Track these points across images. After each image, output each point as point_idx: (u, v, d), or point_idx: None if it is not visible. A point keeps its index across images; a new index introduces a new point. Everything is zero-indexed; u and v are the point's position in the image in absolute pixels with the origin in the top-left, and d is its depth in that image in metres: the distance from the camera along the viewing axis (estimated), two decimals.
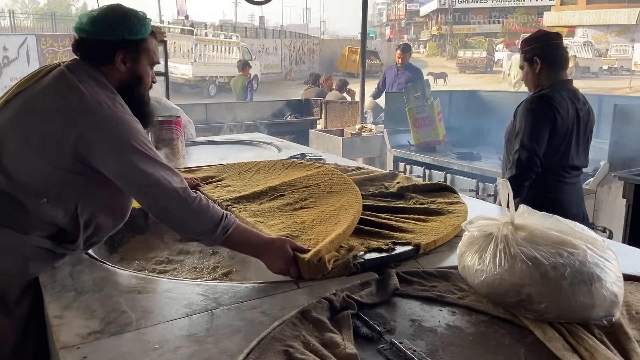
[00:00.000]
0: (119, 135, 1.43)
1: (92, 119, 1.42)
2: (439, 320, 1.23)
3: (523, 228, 1.27)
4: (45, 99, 1.48)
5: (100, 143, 1.42)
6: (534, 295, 1.20)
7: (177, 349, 1.09)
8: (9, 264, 1.43)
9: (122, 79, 1.59)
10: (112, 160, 1.43)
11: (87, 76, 1.51)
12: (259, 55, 24.10)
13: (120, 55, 1.56)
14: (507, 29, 40.75)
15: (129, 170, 1.43)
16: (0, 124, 1.49)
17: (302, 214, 1.85)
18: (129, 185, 1.46)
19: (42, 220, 1.46)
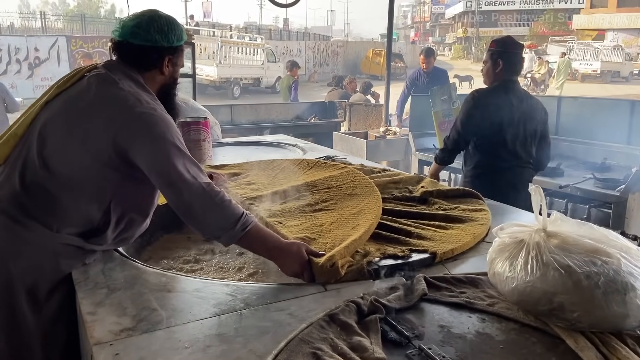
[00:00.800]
0: (157, 129, 1.49)
1: (132, 113, 1.48)
2: (469, 327, 1.21)
3: (555, 235, 1.25)
4: (87, 95, 1.54)
5: (139, 136, 1.48)
6: (567, 304, 1.18)
7: (207, 348, 1.10)
8: (40, 261, 1.47)
9: (163, 82, 1.68)
10: (149, 152, 1.48)
11: (124, 76, 1.58)
12: (283, 58, 24.20)
13: (167, 60, 1.65)
14: (535, 31, 40.12)
15: (163, 163, 1.47)
16: (44, 121, 1.55)
17: (321, 216, 1.85)
18: (160, 177, 1.49)
19: (74, 217, 1.50)
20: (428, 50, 6.65)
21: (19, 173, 1.50)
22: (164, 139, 1.48)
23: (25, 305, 1.45)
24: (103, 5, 50.26)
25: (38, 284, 1.47)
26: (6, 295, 1.44)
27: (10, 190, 1.49)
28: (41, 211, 1.48)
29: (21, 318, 1.46)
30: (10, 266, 1.44)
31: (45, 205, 1.48)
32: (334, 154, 3.27)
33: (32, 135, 1.55)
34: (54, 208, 1.49)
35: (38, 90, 14.81)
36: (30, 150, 1.52)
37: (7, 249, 1.45)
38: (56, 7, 50.62)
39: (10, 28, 20.85)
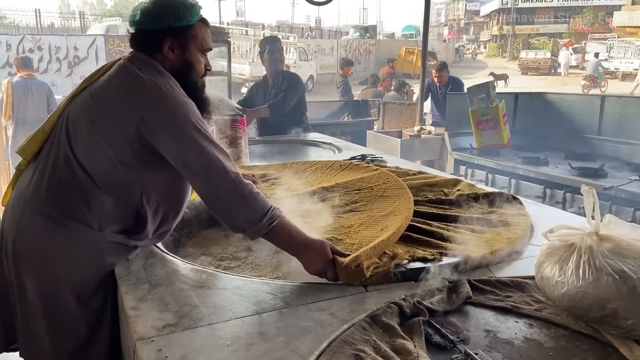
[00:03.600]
0: (179, 115, 1.46)
1: (152, 101, 1.46)
2: (516, 332, 1.18)
3: (608, 239, 1.20)
4: (108, 88, 1.54)
5: (161, 124, 1.45)
6: (620, 311, 1.13)
7: (249, 347, 1.10)
8: (85, 260, 1.49)
9: (173, 66, 1.60)
10: (173, 139, 1.46)
11: (144, 64, 1.55)
12: (315, 56, 24.23)
13: (168, 42, 1.58)
14: (574, 29, 39.04)
15: (188, 149, 1.44)
16: (70, 117, 1.55)
17: (350, 217, 1.83)
18: (186, 165, 1.46)
19: (112, 214, 1.51)
20: (441, 65, 6.59)
21: (53, 172, 1.50)
22: (186, 124, 1.45)
23: (72, 305, 1.47)
24: None
25: (83, 283, 1.49)
26: (53, 297, 1.46)
27: (47, 190, 1.49)
28: (81, 210, 1.48)
29: (68, 318, 1.48)
30: (55, 268, 1.46)
31: (84, 204, 1.48)
32: (370, 152, 3.24)
33: (61, 132, 1.54)
34: (93, 206, 1.49)
35: None
36: (60, 148, 1.52)
37: (51, 251, 1.46)
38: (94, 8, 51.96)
39: (51, 28, 21.50)
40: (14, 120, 5.64)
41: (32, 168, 1.56)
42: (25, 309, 1.49)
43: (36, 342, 1.49)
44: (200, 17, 1.64)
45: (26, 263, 1.47)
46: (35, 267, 1.47)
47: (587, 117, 4.70)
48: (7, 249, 1.51)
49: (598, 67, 19.34)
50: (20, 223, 1.50)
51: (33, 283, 1.47)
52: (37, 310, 1.47)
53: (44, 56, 16.31)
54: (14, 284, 1.50)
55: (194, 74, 1.66)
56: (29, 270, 1.47)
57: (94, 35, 18.42)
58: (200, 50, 1.66)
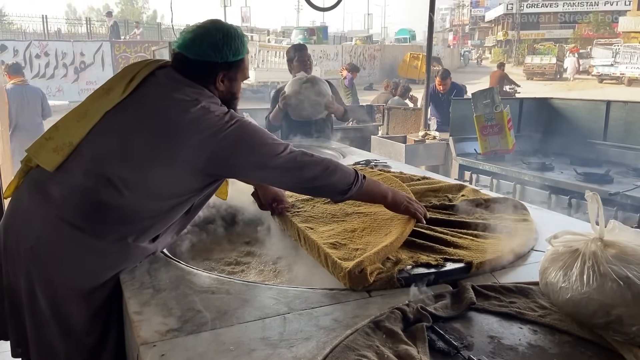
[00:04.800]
0: (249, 138, 1.50)
1: (221, 135, 1.47)
2: (520, 339, 1.17)
3: (613, 245, 1.20)
4: (164, 114, 1.50)
5: (239, 157, 1.50)
6: (625, 317, 1.12)
7: (252, 352, 1.10)
8: (108, 268, 1.49)
9: (220, 96, 1.62)
10: (255, 163, 1.52)
11: (200, 93, 1.55)
12: (320, 61, 24.27)
13: (221, 75, 1.60)
14: (579, 34, 38.96)
15: (270, 162, 1.52)
16: (113, 137, 1.50)
17: (353, 221, 1.82)
18: (276, 174, 1.56)
19: (153, 228, 1.54)
20: (444, 73, 6.61)
21: (94, 191, 1.45)
22: (259, 143, 1.51)
23: (84, 312, 1.47)
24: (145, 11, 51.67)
25: (96, 290, 1.49)
26: (67, 305, 1.46)
27: (83, 207, 1.45)
28: (120, 229, 1.47)
29: (81, 325, 1.48)
30: (73, 277, 1.45)
31: (125, 224, 1.48)
32: (374, 158, 3.24)
33: (98, 149, 1.49)
34: (133, 226, 1.49)
35: (83, 93, 15.28)
36: (103, 167, 1.46)
37: (74, 261, 1.45)
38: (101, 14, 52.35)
39: (58, 33, 21.65)
40: (11, 126, 5.67)
41: (60, 180, 1.49)
42: (36, 316, 1.47)
43: (49, 349, 1.48)
44: (248, 49, 1.67)
45: (43, 271, 1.45)
46: (54, 276, 1.45)
47: (593, 123, 4.69)
48: (19, 254, 1.47)
49: None
50: (43, 232, 1.45)
51: (48, 291, 1.45)
52: (50, 318, 1.46)
53: (50, 62, 16.45)
54: (22, 290, 1.48)
55: (236, 103, 1.70)
56: (44, 278, 1.45)
57: (100, 41, 18.55)
58: (242, 79, 1.70)
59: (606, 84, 25.26)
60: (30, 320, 1.49)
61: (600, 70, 26.15)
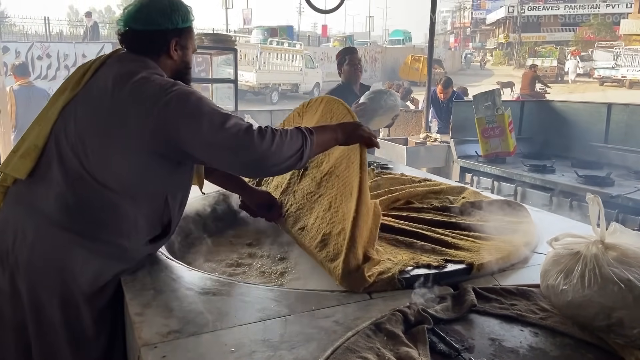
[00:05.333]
0: (192, 105, 1.41)
1: (163, 102, 1.40)
2: (521, 341, 1.17)
3: (614, 247, 1.20)
4: (110, 95, 1.45)
5: (181, 123, 1.40)
6: (626, 320, 1.13)
7: (253, 354, 1.10)
8: (108, 272, 1.48)
9: (174, 67, 1.60)
10: (197, 132, 1.40)
11: (138, 64, 1.51)
12: (322, 63, 24.29)
13: (174, 42, 1.57)
14: (580, 37, 38.95)
15: (217, 135, 1.39)
16: (72, 133, 1.48)
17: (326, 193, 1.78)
18: (221, 150, 1.41)
19: (141, 223, 1.50)
20: (446, 81, 6.61)
21: (72, 192, 1.44)
22: (204, 112, 1.41)
23: (90, 318, 1.47)
24: None
25: (100, 294, 1.48)
26: (74, 312, 1.45)
27: (67, 209, 1.44)
28: (105, 224, 1.46)
29: (89, 330, 1.47)
30: (75, 282, 1.43)
31: (109, 218, 1.46)
32: (375, 159, 3.25)
33: (63, 149, 1.47)
34: (120, 220, 1.47)
35: None
36: (70, 166, 1.45)
37: (75, 266, 1.43)
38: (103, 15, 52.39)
39: (60, 35, 21.70)
40: (16, 127, 5.67)
41: (36, 187, 1.48)
42: (42, 327, 1.45)
43: (55, 357, 1.47)
44: (194, 16, 1.64)
45: (45, 280, 1.43)
46: (55, 283, 1.43)
47: (594, 125, 4.68)
48: (19, 269, 1.45)
49: None
50: (36, 242, 1.44)
51: (54, 300, 1.43)
52: (58, 327, 1.44)
53: (52, 63, 16.45)
54: (25, 303, 1.45)
55: (190, 74, 1.67)
56: (47, 287, 1.43)
57: (102, 42, 18.58)
58: (193, 51, 1.67)
59: (607, 86, 25.28)
60: (36, 332, 1.46)
61: (601, 73, 26.16)
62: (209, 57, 5.38)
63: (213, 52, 5.05)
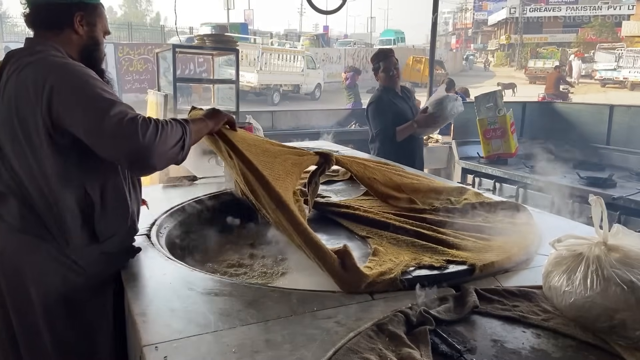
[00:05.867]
0: (82, 91, 1.39)
1: (54, 76, 1.39)
2: (523, 342, 1.17)
3: (617, 249, 1.20)
4: (9, 89, 1.44)
5: (65, 97, 1.38)
6: (629, 321, 1.12)
7: (255, 354, 1.10)
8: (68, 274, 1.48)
9: (81, 43, 1.57)
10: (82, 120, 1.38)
11: (37, 50, 1.47)
12: (323, 64, 24.30)
13: (79, 16, 1.54)
14: (582, 38, 38.92)
15: (101, 122, 1.35)
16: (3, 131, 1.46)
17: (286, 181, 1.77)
18: (104, 137, 1.36)
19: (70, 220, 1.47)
20: (449, 83, 6.64)
21: (20, 194, 1.45)
22: (88, 96, 1.38)
23: (65, 320, 1.48)
24: (149, 14, 51.84)
25: (71, 296, 1.49)
26: (51, 315, 1.46)
27: (23, 213, 1.45)
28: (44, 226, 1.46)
29: (68, 333, 1.49)
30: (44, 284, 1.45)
31: (60, 218, 1.45)
32: (377, 160, 3.24)
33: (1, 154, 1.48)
34: (68, 219, 1.46)
35: None
36: (12, 170, 1.46)
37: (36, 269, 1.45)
38: None
39: None
40: None
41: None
42: (29, 333, 1.48)
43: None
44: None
45: (21, 290, 1.46)
46: (34, 288, 1.45)
47: (596, 127, 4.68)
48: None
49: None
50: (6, 254, 1.46)
51: (36, 303, 1.45)
52: (42, 330, 1.46)
53: None
54: (9, 309, 1.48)
55: (100, 53, 1.64)
56: (20, 291, 1.45)
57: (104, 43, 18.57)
58: (103, 31, 1.64)
59: (609, 88, 25.24)
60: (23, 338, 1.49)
61: (603, 75, 26.13)
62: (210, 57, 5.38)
63: (214, 52, 5.05)
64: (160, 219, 2.02)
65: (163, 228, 1.99)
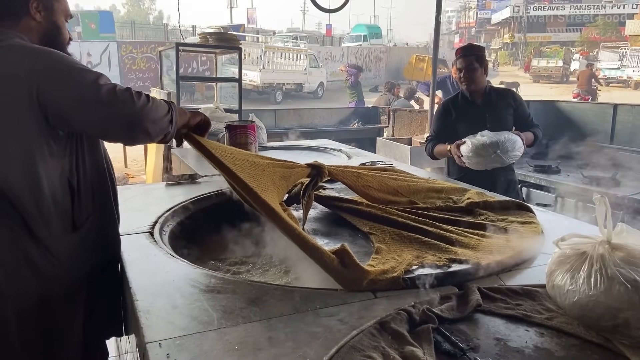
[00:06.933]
0: (68, 66, 1.40)
1: (33, 56, 1.39)
2: (526, 341, 1.17)
3: (621, 248, 1.19)
4: None
5: (52, 72, 1.38)
6: (633, 321, 1.12)
7: (258, 351, 1.10)
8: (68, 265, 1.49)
9: (41, 30, 1.54)
10: (72, 91, 1.39)
11: (4, 37, 1.44)
12: (326, 63, 24.30)
13: (35, 3, 1.50)
14: (586, 37, 38.82)
15: (93, 91, 1.37)
16: None
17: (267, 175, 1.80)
18: (97, 104, 1.38)
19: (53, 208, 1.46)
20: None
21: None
22: (76, 68, 1.40)
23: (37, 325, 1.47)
24: (152, 12, 51.87)
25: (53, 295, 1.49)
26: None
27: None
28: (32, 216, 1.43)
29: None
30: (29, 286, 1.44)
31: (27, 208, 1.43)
32: (379, 159, 3.24)
33: None
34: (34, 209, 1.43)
35: None
36: None
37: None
38: None
39: None
40: None
41: None
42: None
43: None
44: None
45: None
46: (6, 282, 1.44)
47: (600, 126, 4.67)
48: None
49: None
50: None
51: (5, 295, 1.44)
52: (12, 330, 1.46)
53: None
54: None
55: (62, 38, 1.61)
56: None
57: (107, 41, 18.63)
58: (65, 15, 1.61)
59: (613, 87, 25.18)
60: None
61: (606, 74, 26.07)
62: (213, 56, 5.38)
63: (217, 51, 5.06)
64: (163, 217, 2.02)
65: (166, 226, 1.99)
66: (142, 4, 52.00)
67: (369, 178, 2.15)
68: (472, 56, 3.17)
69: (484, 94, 3.17)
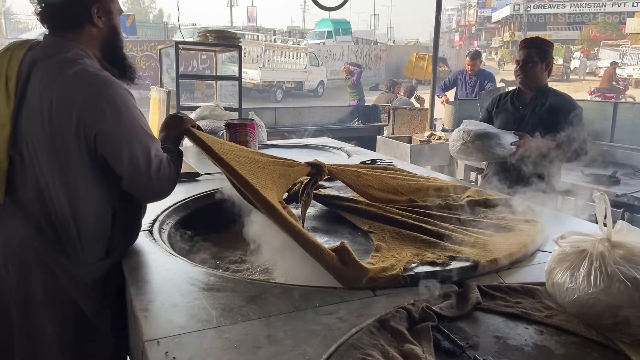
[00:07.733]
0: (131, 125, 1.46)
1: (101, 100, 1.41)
2: (526, 339, 1.16)
3: (621, 246, 1.19)
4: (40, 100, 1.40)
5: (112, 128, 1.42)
6: (633, 318, 1.12)
7: (257, 349, 1.09)
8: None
9: (102, 36, 1.53)
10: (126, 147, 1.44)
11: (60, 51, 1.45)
12: (326, 61, 24.28)
13: (95, 9, 1.49)
14: (587, 35, 38.76)
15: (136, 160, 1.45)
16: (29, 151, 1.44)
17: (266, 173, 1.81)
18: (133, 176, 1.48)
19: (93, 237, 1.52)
20: (475, 53, 6.65)
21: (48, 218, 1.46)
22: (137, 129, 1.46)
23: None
24: (152, 10, 51.82)
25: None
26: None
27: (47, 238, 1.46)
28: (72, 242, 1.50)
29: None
30: None
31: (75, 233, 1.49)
32: (380, 157, 3.24)
33: (26, 167, 1.45)
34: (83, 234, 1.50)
35: None
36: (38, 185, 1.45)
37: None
38: None
39: None
40: None
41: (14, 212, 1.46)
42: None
43: None
44: None
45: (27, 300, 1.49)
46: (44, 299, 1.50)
47: (600, 124, 4.67)
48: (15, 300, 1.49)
49: None
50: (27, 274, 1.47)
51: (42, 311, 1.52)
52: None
53: None
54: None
55: (120, 42, 1.61)
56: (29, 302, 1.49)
57: None
58: (118, 13, 1.59)
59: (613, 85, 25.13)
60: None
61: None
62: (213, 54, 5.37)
63: (217, 49, 5.04)
64: (163, 215, 2.02)
65: (165, 224, 1.99)
66: (142, 2, 51.96)
67: (369, 177, 2.14)
68: (533, 48, 2.88)
69: (535, 95, 2.92)
